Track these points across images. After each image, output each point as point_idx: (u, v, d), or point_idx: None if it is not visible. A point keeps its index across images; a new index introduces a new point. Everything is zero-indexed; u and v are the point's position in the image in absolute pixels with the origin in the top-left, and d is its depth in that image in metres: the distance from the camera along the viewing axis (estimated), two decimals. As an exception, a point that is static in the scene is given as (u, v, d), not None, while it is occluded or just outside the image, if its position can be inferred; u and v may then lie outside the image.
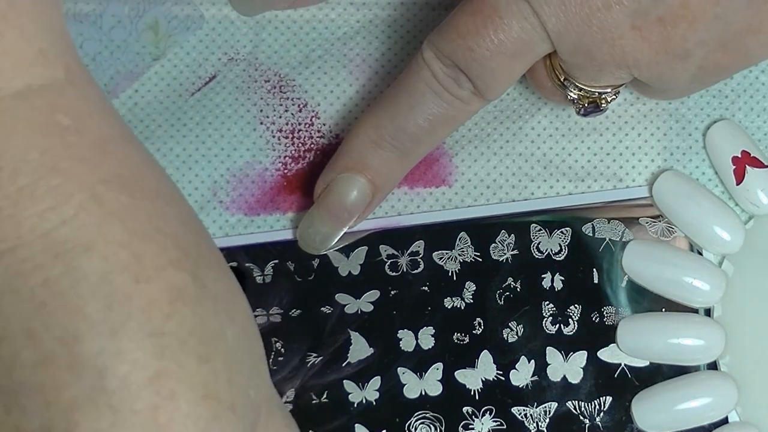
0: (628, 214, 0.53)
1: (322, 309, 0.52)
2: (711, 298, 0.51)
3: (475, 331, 0.52)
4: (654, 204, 0.53)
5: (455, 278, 0.52)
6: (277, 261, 0.52)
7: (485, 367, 0.51)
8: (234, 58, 0.55)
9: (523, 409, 0.51)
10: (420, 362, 0.51)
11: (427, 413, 0.51)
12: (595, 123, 0.54)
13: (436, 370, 0.51)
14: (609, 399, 0.51)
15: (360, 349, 0.51)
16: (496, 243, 0.52)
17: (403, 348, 0.51)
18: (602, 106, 0.50)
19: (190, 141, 0.54)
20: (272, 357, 0.51)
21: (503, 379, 0.51)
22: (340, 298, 0.52)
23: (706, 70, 0.48)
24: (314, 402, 0.51)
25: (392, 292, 0.52)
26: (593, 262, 0.52)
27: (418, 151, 0.51)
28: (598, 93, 0.49)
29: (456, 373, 0.51)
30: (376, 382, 0.51)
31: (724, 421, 0.50)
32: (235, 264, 0.52)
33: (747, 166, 0.52)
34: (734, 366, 0.51)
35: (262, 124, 0.54)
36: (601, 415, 0.51)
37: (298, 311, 0.52)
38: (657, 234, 0.52)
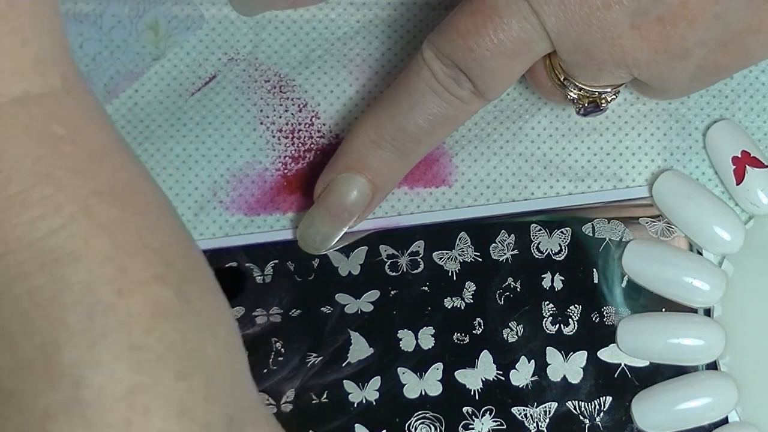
0: (628, 214, 0.53)
1: (322, 309, 0.52)
2: (711, 298, 0.51)
3: (475, 331, 0.52)
4: (654, 204, 0.53)
5: (455, 278, 0.52)
6: (277, 261, 0.52)
7: (485, 367, 0.51)
8: (234, 58, 0.55)
9: (523, 409, 0.51)
10: (420, 362, 0.51)
11: (427, 413, 0.51)
12: (595, 123, 0.54)
13: (436, 370, 0.51)
14: (609, 399, 0.51)
15: (360, 349, 0.51)
16: (496, 243, 0.52)
17: (403, 348, 0.51)
18: (602, 105, 0.50)
19: (190, 141, 0.54)
20: (272, 357, 0.51)
21: (503, 379, 0.51)
22: (340, 298, 0.52)
23: (706, 70, 0.48)
24: (314, 402, 0.51)
25: (392, 292, 0.52)
26: (593, 262, 0.52)
27: (418, 151, 0.51)
28: (598, 93, 0.49)
29: (456, 373, 0.51)
30: (376, 382, 0.51)
31: (724, 421, 0.50)
32: (235, 264, 0.52)
33: (747, 166, 0.52)
34: (734, 366, 0.51)
35: (262, 124, 0.54)
36: (601, 415, 0.51)
37: (298, 311, 0.52)
38: (657, 234, 0.52)
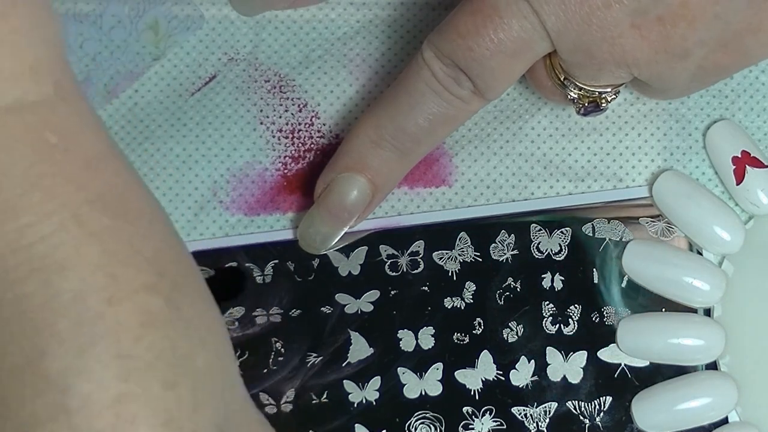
0: (628, 214, 0.53)
1: (322, 309, 0.52)
2: (711, 298, 0.51)
3: (475, 331, 0.52)
4: (654, 204, 0.53)
5: (455, 278, 0.52)
6: (277, 261, 0.52)
7: (485, 367, 0.51)
8: (234, 58, 0.55)
9: (523, 409, 0.51)
10: (420, 362, 0.51)
11: (427, 413, 0.51)
12: (595, 123, 0.54)
13: (436, 370, 0.51)
14: (609, 399, 0.51)
15: (360, 349, 0.51)
16: (496, 243, 0.52)
17: (403, 348, 0.51)
18: (602, 105, 0.50)
19: (190, 141, 0.54)
20: (272, 357, 0.51)
21: (503, 379, 0.51)
22: (340, 298, 0.52)
23: (706, 70, 0.48)
24: (314, 402, 0.51)
25: (392, 292, 0.52)
26: (593, 262, 0.52)
27: (418, 151, 0.51)
28: (598, 92, 0.49)
29: (456, 373, 0.51)
30: (376, 382, 0.51)
31: (724, 421, 0.50)
32: (235, 264, 0.52)
33: (747, 166, 0.52)
34: (734, 366, 0.51)
35: (262, 124, 0.54)
36: (601, 415, 0.51)
37: (298, 311, 0.52)
38: (657, 234, 0.52)
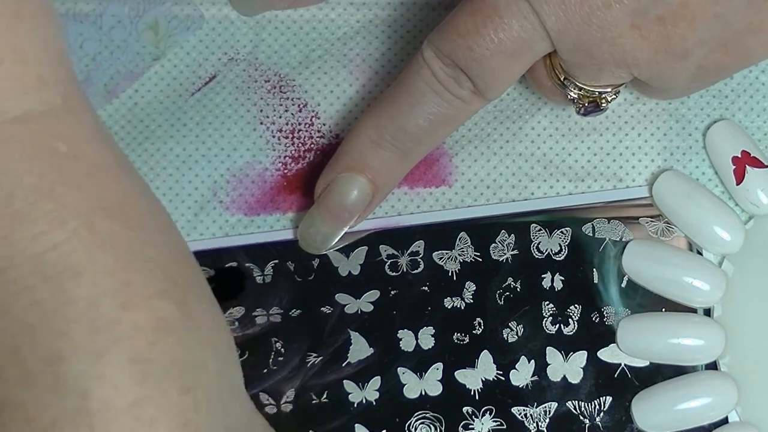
0: (628, 214, 0.53)
1: (322, 309, 0.52)
2: (711, 298, 0.51)
3: (475, 331, 0.52)
4: (654, 204, 0.53)
5: (455, 278, 0.52)
6: (277, 261, 0.52)
7: (485, 367, 0.51)
8: (234, 58, 0.55)
9: (523, 409, 0.51)
10: (420, 362, 0.51)
11: (427, 413, 0.51)
12: (595, 123, 0.54)
13: (436, 370, 0.51)
14: (609, 399, 0.51)
15: (360, 349, 0.51)
16: (496, 243, 0.52)
17: (403, 348, 0.51)
18: (602, 105, 0.50)
19: (190, 141, 0.54)
20: (272, 357, 0.51)
21: (503, 379, 0.51)
22: (340, 298, 0.52)
23: (706, 70, 0.48)
24: (314, 402, 0.51)
25: (392, 292, 0.52)
26: (593, 262, 0.52)
27: (418, 151, 0.51)
28: (599, 92, 0.49)
29: (456, 373, 0.51)
30: (376, 382, 0.51)
31: (724, 421, 0.50)
32: (235, 264, 0.52)
33: (747, 166, 0.52)
34: (734, 366, 0.51)
35: (262, 124, 0.54)
36: (601, 415, 0.51)
37: (298, 311, 0.52)
38: (656, 234, 0.52)
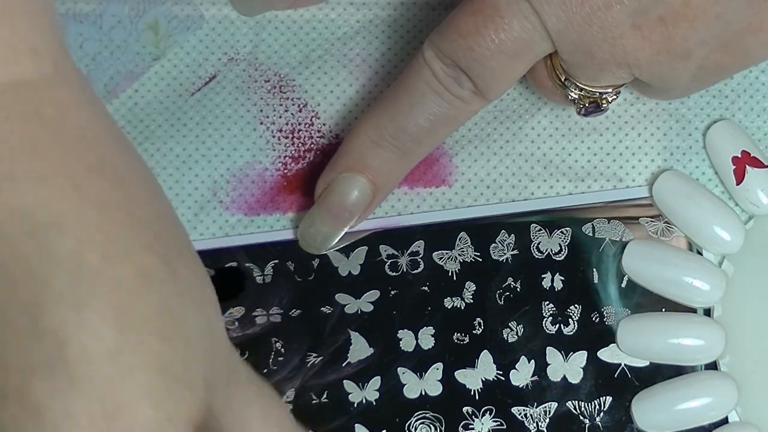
0: (628, 214, 0.53)
1: (322, 309, 0.52)
2: (711, 298, 0.51)
3: (475, 331, 0.52)
4: (654, 204, 0.53)
5: (455, 278, 0.52)
6: (277, 261, 0.52)
7: (485, 367, 0.51)
8: (234, 58, 0.55)
9: (523, 409, 0.51)
10: (420, 362, 0.51)
11: (427, 413, 0.51)
12: (595, 123, 0.54)
13: (436, 370, 0.51)
14: (609, 399, 0.51)
15: (360, 349, 0.51)
16: (496, 243, 0.52)
17: (403, 348, 0.51)
18: (603, 106, 0.50)
19: (190, 141, 0.54)
20: (272, 357, 0.51)
21: (503, 379, 0.51)
22: (340, 298, 0.52)
23: (707, 70, 0.48)
24: (314, 402, 0.51)
25: (392, 292, 0.52)
26: (593, 262, 0.52)
27: (418, 151, 0.51)
28: (599, 93, 0.49)
29: (456, 373, 0.51)
30: (376, 382, 0.51)
31: (724, 421, 0.50)
32: (235, 264, 0.52)
33: (747, 166, 0.52)
34: (734, 366, 0.51)
35: (262, 124, 0.54)
36: (601, 415, 0.51)
37: (298, 311, 0.52)
38: (656, 234, 0.52)
